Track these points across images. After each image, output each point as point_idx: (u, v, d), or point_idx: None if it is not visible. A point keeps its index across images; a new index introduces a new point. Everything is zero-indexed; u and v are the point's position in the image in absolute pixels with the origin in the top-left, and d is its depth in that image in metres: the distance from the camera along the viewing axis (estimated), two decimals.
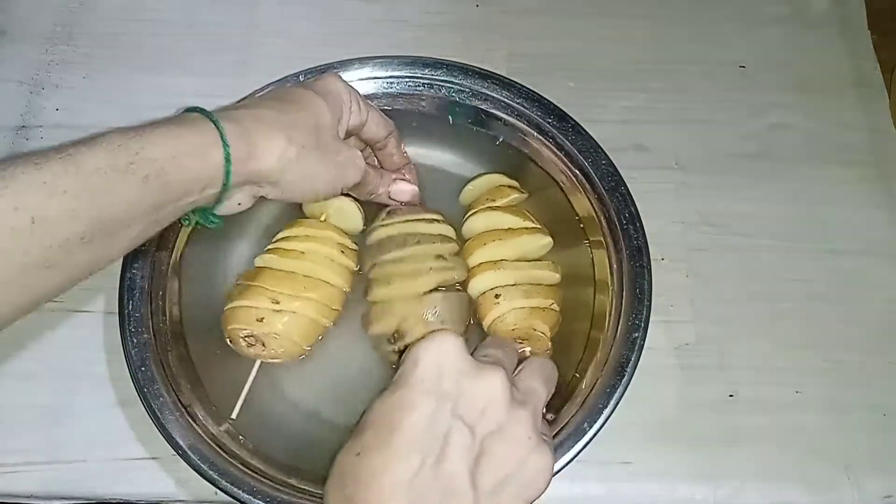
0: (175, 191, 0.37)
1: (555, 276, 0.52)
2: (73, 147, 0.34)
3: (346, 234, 0.53)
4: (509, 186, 0.54)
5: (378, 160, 0.53)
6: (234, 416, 0.48)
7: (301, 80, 0.53)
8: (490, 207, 0.53)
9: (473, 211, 0.54)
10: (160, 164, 0.36)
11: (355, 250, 0.52)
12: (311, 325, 0.49)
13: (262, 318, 0.48)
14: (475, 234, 0.53)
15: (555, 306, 0.51)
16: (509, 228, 0.52)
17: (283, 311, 0.48)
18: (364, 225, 0.53)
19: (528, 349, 0.50)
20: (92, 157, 0.34)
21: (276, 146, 0.41)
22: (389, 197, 0.52)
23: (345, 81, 0.47)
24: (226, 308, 0.49)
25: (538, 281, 0.51)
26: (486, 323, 0.51)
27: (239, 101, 0.46)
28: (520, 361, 0.41)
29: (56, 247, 0.33)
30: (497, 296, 0.50)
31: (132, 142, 0.35)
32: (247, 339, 0.49)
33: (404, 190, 0.52)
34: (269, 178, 0.42)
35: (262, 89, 0.52)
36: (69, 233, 0.33)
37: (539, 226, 0.53)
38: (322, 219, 0.52)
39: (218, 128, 0.38)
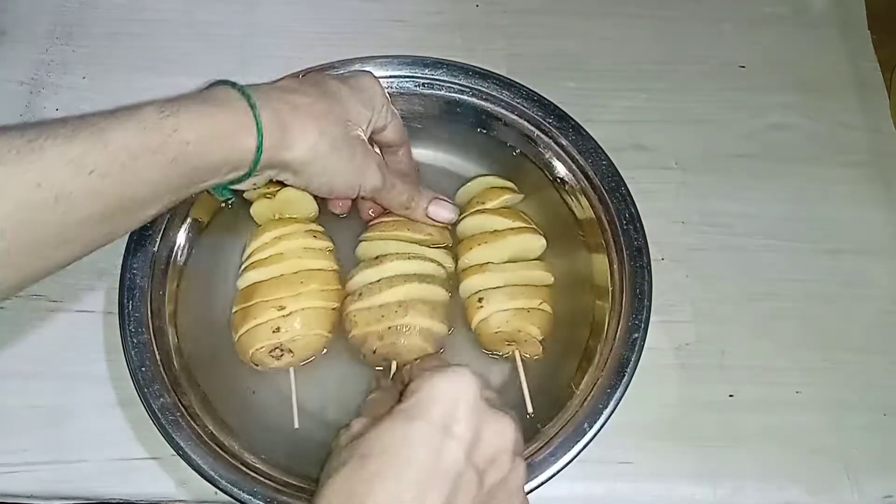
0: (201, 174, 0.37)
1: (546, 276, 0.52)
2: (105, 120, 0.33)
3: (307, 220, 0.53)
4: (502, 188, 0.54)
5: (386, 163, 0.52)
6: (296, 426, 0.48)
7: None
8: (479, 210, 0.53)
9: (463, 214, 0.53)
10: (192, 147, 0.35)
11: (324, 230, 0.53)
12: (324, 313, 0.50)
13: (278, 328, 0.48)
14: (464, 238, 0.53)
15: (545, 306, 0.50)
16: (495, 230, 0.52)
17: (293, 313, 0.49)
18: (319, 206, 0.53)
19: (517, 352, 0.50)
20: (123, 133, 0.33)
21: (309, 138, 0.40)
22: (427, 216, 0.51)
23: (380, 84, 0.46)
24: (237, 337, 0.49)
25: (527, 282, 0.51)
26: (472, 326, 0.51)
27: (273, 82, 0.44)
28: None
29: (74, 223, 0.32)
30: (480, 299, 0.50)
31: (166, 120, 0.34)
32: (272, 353, 0.49)
33: (443, 212, 0.51)
34: (292, 167, 0.41)
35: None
36: (90, 210, 0.32)
37: (530, 225, 0.53)
38: (276, 217, 0.53)
39: (254, 112, 0.38)
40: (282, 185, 0.53)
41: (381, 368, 0.50)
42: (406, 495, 0.30)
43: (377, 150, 0.50)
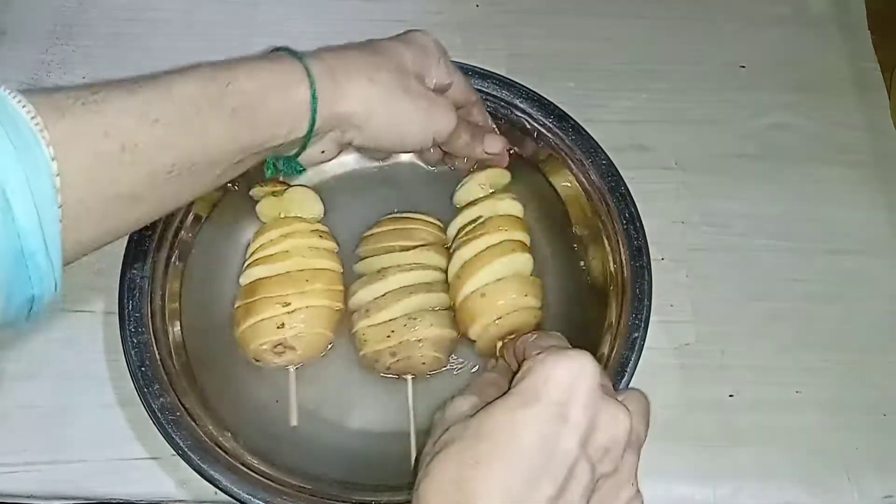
0: (261, 131, 0.37)
1: (535, 301, 0.50)
2: (166, 75, 0.34)
3: (313, 220, 0.53)
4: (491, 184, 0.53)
5: None
6: (294, 423, 0.48)
7: None
8: (470, 237, 0.51)
9: (455, 247, 0.51)
10: (249, 98, 0.36)
11: (328, 231, 0.53)
12: (327, 312, 0.50)
13: (282, 324, 0.48)
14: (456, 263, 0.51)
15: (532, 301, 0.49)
16: (489, 247, 0.50)
17: (297, 310, 0.49)
18: (325, 207, 0.53)
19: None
20: (185, 85, 0.34)
21: (359, 86, 0.40)
22: (485, 152, 0.50)
23: (434, 39, 0.46)
24: (240, 331, 0.49)
25: (520, 306, 0.49)
26: (475, 328, 0.49)
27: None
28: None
29: (143, 177, 0.32)
30: (483, 295, 0.49)
31: (222, 73, 0.35)
32: (274, 349, 0.49)
33: (496, 141, 0.50)
34: (353, 121, 0.41)
35: None
36: (158, 164, 0.32)
37: (522, 240, 0.51)
38: (282, 216, 0.53)
39: (305, 65, 0.38)
40: (287, 184, 0.53)
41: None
42: (516, 482, 0.29)
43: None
